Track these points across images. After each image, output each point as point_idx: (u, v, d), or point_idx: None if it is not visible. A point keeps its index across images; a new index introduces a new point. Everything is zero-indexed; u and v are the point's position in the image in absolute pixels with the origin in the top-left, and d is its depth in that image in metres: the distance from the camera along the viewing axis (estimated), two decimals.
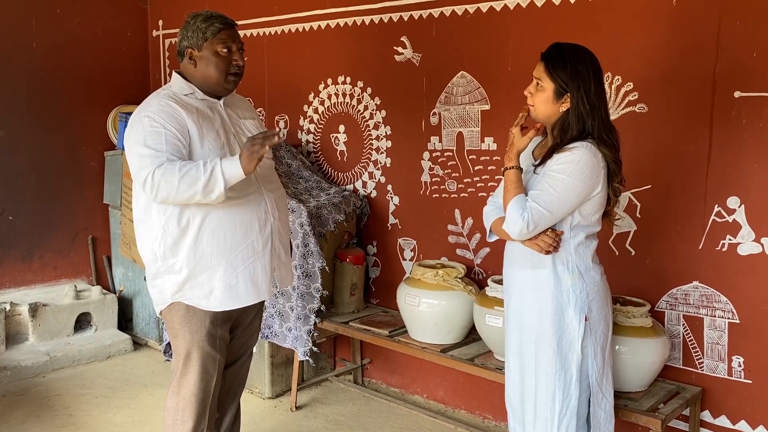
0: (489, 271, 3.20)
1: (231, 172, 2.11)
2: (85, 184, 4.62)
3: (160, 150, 2.17)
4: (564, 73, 2.06)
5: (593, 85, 2.07)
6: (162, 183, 2.12)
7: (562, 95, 2.08)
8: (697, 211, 2.58)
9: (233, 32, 2.36)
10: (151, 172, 2.14)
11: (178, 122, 2.23)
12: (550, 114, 2.12)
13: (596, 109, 2.07)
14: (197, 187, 2.11)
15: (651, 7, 2.62)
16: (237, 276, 2.32)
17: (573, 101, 2.06)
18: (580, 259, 2.13)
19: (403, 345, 3.06)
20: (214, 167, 2.11)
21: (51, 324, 4.09)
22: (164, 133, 2.20)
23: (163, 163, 2.14)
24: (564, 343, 2.11)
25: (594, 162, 2.04)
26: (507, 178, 2.14)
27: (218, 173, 2.10)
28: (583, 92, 2.05)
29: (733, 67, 2.46)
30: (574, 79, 2.05)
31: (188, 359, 2.36)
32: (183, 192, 2.13)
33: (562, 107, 2.09)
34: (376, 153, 3.59)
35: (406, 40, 3.38)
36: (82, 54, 4.54)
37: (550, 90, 2.09)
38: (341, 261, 3.48)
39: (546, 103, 2.11)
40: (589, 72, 2.07)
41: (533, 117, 2.17)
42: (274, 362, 3.57)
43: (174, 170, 2.11)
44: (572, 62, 2.06)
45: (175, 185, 2.11)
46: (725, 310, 2.55)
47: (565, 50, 2.10)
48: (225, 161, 2.13)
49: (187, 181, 2.11)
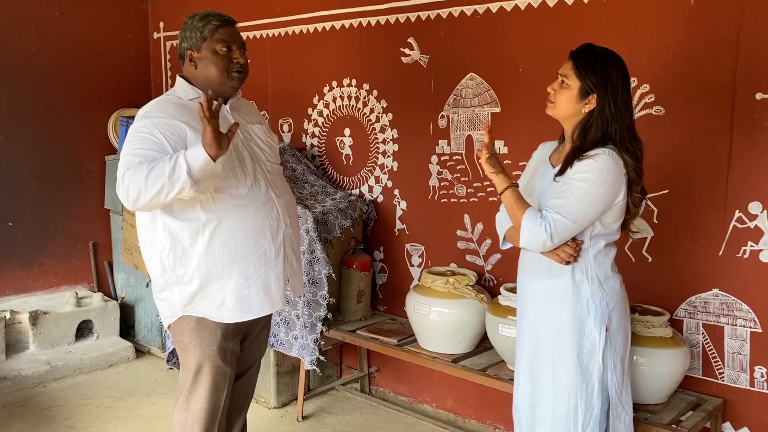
0: (500, 278, 3.12)
1: (194, 157, 1.98)
2: (85, 189, 4.54)
3: (137, 155, 2.09)
4: (593, 73, 2.00)
5: (620, 91, 2.00)
6: (130, 184, 2.03)
7: (587, 95, 2.01)
8: (717, 216, 2.50)
9: (232, 30, 2.28)
10: (122, 176, 2.07)
11: (170, 130, 2.14)
12: (571, 114, 2.05)
13: (621, 114, 2.01)
14: (163, 180, 1.98)
15: (668, 6, 2.54)
16: (249, 286, 2.25)
17: (600, 103, 2.00)
18: (599, 267, 2.06)
19: (413, 355, 2.98)
20: (178, 157, 2.00)
21: (52, 332, 4.02)
22: (149, 140, 2.12)
23: (133, 166, 2.05)
24: (584, 354, 2.04)
25: (616, 169, 1.97)
26: (506, 201, 2.06)
27: (181, 161, 1.98)
28: (610, 95, 1.99)
29: (755, 68, 2.38)
30: (603, 81, 1.99)
31: (198, 374, 2.28)
32: (150, 188, 2.00)
33: (585, 108, 2.02)
34: (383, 157, 3.52)
35: (414, 42, 3.30)
36: (82, 57, 4.46)
37: (575, 88, 2.02)
38: (348, 267, 3.40)
39: (569, 102, 2.04)
40: (618, 77, 2.01)
41: (551, 115, 2.10)
42: (279, 371, 3.49)
43: (142, 169, 2.02)
44: (602, 64, 2.01)
45: (143, 182, 2.00)
46: (747, 319, 2.48)
47: (597, 52, 2.04)
48: (189, 149, 2.01)
49: (153, 175, 2.00)
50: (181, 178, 1.99)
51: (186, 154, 2.01)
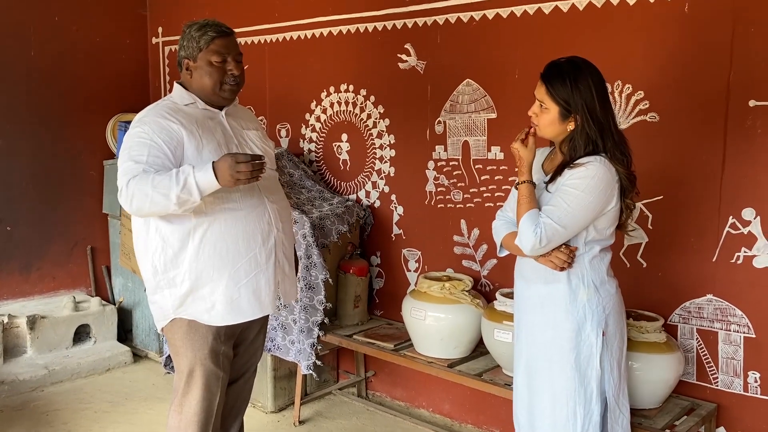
0: (496, 283, 3.14)
1: (205, 184, 2.03)
2: (83, 194, 4.55)
3: (140, 161, 2.11)
4: (565, 93, 2.00)
5: (597, 102, 2.00)
6: (136, 193, 2.06)
7: (568, 116, 2.02)
8: (711, 222, 2.52)
9: (228, 41, 2.29)
10: (126, 183, 2.09)
11: (168, 135, 2.17)
12: (557, 134, 2.08)
13: (604, 127, 2.02)
14: (170, 198, 2.03)
15: (662, 14, 2.56)
16: (239, 290, 2.26)
17: (579, 122, 2.01)
18: (595, 272, 2.08)
19: (409, 359, 2.99)
20: (187, 178, 2.02)
21: (49, 336, 4.03)
22: (149, 145, 2.14)
23: (139, 174, 2.08)
24: (582, 359, 2.05)
25: (609, 177, 1.99)
26: (520, 193, 2.09)
27: (192, 185, 2.02)
28: (587, 112, 2.00)
29: (748, 75, 2.40)
30: (577, 99, 1.99)
31: (191, 377, 2.30)
32: (157, 204, 2.05)
33: (569, 126, 2.04)
34: (380, 162, 3.53)
35: (411, 48, 3.32)
36: (80, 62, 4.48)
37: (554, 111, 2.03)
38: (345, 272, 3.42)
39: (552, 125, 2.06)
40: (591, 88, 2.00)
41: (540, 136, 2.11)
42: (276, 375, 3.50)
43: (147, 180, 2.05)
44: (572, 81, 2.00)
45: (149, 195, 2.04)
46: (740, 324, 2.49)
47: (563, 68, 2.03)
48: (198, 173, 2.03)
49: (160, 191, 2.03)
50: (192, 201, 2.05)
51: (197, 180, 2.02)
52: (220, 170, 2.03)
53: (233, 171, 2.01)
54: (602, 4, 2.69)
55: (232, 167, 2.02)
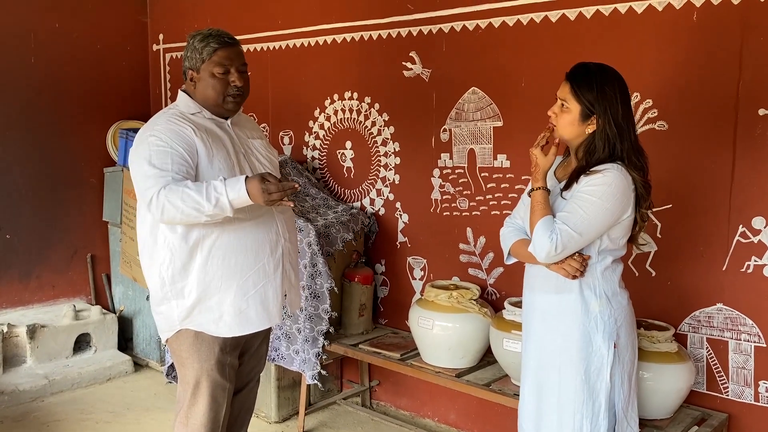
0: (503, 291, 3.12)
1: (238, 202, 2.03)
2: (84, 201, 4.52)
3: (166, 169, 2.09)
4: (590, 94, 1.99)
5: (620, 107, 2.00)
6: (167, 205, 2.04)
7: (589, 117, 2.01)
8: (721, 231, 2.51)
9: (232, 51, 2.26)
10: (156, 193, 2.06)
11: (185, 141, 2.16)
12: (575, 135, 2.05)
13: (624, 132, 2.01)
14: (202, 215, 2.04)
15: (670, 22, 2.56)
16: (248, 300, 2.25)
17: (600, 124, 2.00)
18: (607, 283, 2.06)
19: (416, 369, 2.97)
20: (219, 198, 2.01)
21: (49, 346, 3.99)
22: (170, 153, 2.12)
23: (169, 183, 2.06)
24: (592, 371, 2.03)
25: (625, 185, 1.98)
26: (534, 200, 2.07)
27: (225, 203, 2.02)
28: (610, 115, 1.98)
29: (757, 83, 2.39)
30: (601, 101, 1.98)
31: (197, 389, 2.27)
32: (188, 217, 2.06)
33: (588, 129, 2.02)
34: (384, 170, 3.52)
35: (416, 56, 3.31)
36: (81, 69, 4.45)
37: (576, 112, 2.02)
38: (350, 281, 3.39)
39: (571, 125, 2.04)
40: (616, 93, 2.00)
41: (557, 137, 2.09)
42: (280, 385, 3.47)
43: (178, 192, 2.03)
44: (599, 83, 1.99)
45: (180, 209, 2.03)
46: (751, 334, 2.48)
47: (592, 70, 2.03)
48: (230, 190, 2.02)
49: (192, 206, 2.02)
50: (223, 216, 2.06)
51: (230, 199, 2.01)
52: (251, 189, 2.01)
53: (266, 196, 2.00)
54: (610, 12, 2.69)
55: (265, 192, 2.00)
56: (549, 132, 2.10)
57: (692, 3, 2.49)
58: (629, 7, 2.64)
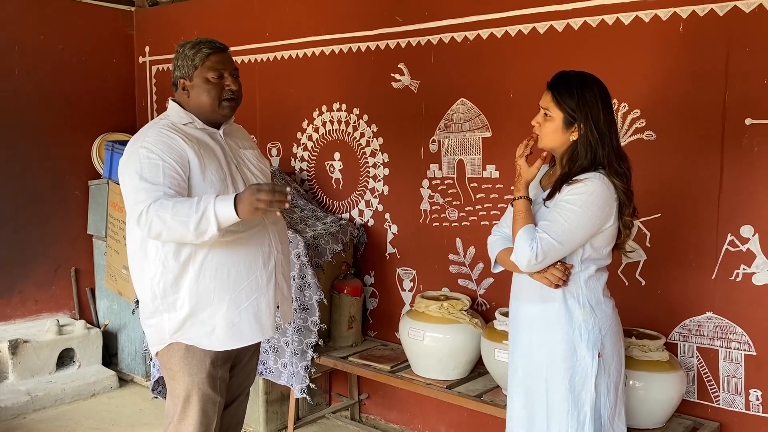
0: (493, 302, 3.11)
1: (225, 215, 1.96)
2: (68, 214, 4.46)
3: (157, 183, 2.06)
4: (572, 101, 2.00)
5: (602, 113, 2.01)
6: (155, 219, 2.00)
7: (572, 124, 2.02)
8: (709, 240, 2.53)
9: (223, 56, 2.26)
10: (146, 207, 2.02)
11: (177, 154, 2.12)
12: (560, 144, 2.06)
13: (606, 138, 2.02)
14: (189, 228, 1.97)
15: (657, 33, 2.58)
16: (240, 313, 2.21)
17: (581, 130, 2.01)
18: (590, 292, 2.05)
19: (407, 381, 2.94)
20: (206, 209, 1.96)
21: (32, 361, 3.91)
22: (162, 166, 2.09)
23: (160, 198, 2.02)
24: (577, 380, 2.02)
25: (607, 194, 1.98)
26: (516, 209, 2.08)
27: (210, 215, 1.95)
28: (591, 121, 2.00)
29: (744, 94, 2.42)
30: (583, 107, 2.00)
31: (187, 402, 2.23)
32: (175, 231, 2.00)
33: (572, 136, 2.03)
34: (373, 181, 3.51)
35: (404, 67, 3.32)
36: (66, 80, 4.41)
37: (558, 119, 2.03)
38: (339, 293, 3.37)
39: (555, 133, 2.05)
40: (597, 99, 2.01)
41: (541, 147, 2.10)
42: (268, 399, 3.43)
43: (167, 207, 1.99)
44: (579, 90, 2.01)
45: (167, 223, 1.99)
46: (741, 342, 2.49)
47: (572, 78, 2.05)
48: (219, 202, 1.97)
49: (179, 219, 1.98)
50: (210, 232, 1.97)
51: (217, 211, 1.95)
52: (240, 200, 1.95)
53: (253, 198, 1.92)
54: (597, 23, 2.71)
55: (254, 194, 1.93)
56: (532, 141, 2.11)
57: (679, 15, 2.52)
58: (616, 18, 2.66)
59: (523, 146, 2.11)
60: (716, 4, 2.44)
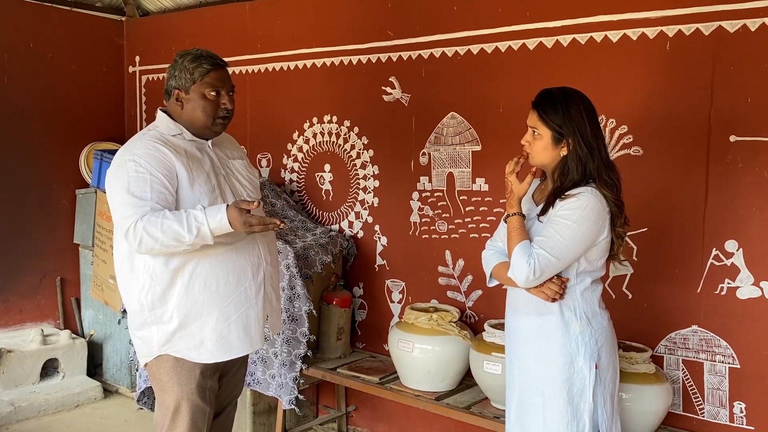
0: (481, 314, 3.13)
1: (219, 230, 2.03)
2: (54, 223, 4.42)
3: (144, 198, 2.06)
4: (558, 117, 2.04)
5: (588, 126, 2.04)
6: (145, 236, 2.02)
7: (561, 140, 2.05)
8: (695, 254, 2.57)
9: (223, 73, 2.27)
10: (134, 223, 2.03)
11: (165, 167, 2.12)
12: (551, 160, 2.10)
13: (594, 150, 2.05)
14: (183, 245, 2.03)
15: (644, 51, 2.64)
16: (230, 326, 2.21)
17: (570, 146, 2.04)
18: (587, 304, 2.08)
19: (396, 393, 2.95)
20: (201, 228, 2.01)
21: (15, 371, 3.87)
22: (149, 180, 2.09)
23: (146, 213, 2.03)
24: (575, 392, 2.05)
25: (599, 207, 2.02)
26: (510, 225, 2.10)
27: (206, 233, 2.02)
28: (579, 135, 2.03)
29: (728, 111, 2.48)
30: (569, 122, 2.03)
31: (177, 413, 2.23)
32: (167, 248, 2.04)
33: (562, 152, 2.07)
34: (363, 192, 3.53)
35: (395, 81, 3.35)
36: (55, 89, 4.39)
37: (547, 137, 2.06)
38: (328, 304, 3.37)
39: (546, 150, 2.08)
40: (582, 113, 2.04)
41: (533, 164, 2.13)
42: (256, 411, 3.42)
43: (157, 224, 2.01)
44: (564, 106, 2.04)
45: (160, 240, 2.02)
46: (725, 355, 2.53)
47: (555, 95, 2.08)
48: (211, 220, 2.02)
49: (172, 236, 2.01)
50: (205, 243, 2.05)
51: (212, 229, 2.02)
52: (232, 220, 2.02)
53: (247, 228, 2.03)
54: (586, 41, 2.77)
55: (246, 225, 2.02)
56: (523, 158, 2.13)
57: (665, 33, 2.58)
58: (605, 36, 2.72)
59: (513, 163, 2.13)
60: (702, 23, 2.50)
